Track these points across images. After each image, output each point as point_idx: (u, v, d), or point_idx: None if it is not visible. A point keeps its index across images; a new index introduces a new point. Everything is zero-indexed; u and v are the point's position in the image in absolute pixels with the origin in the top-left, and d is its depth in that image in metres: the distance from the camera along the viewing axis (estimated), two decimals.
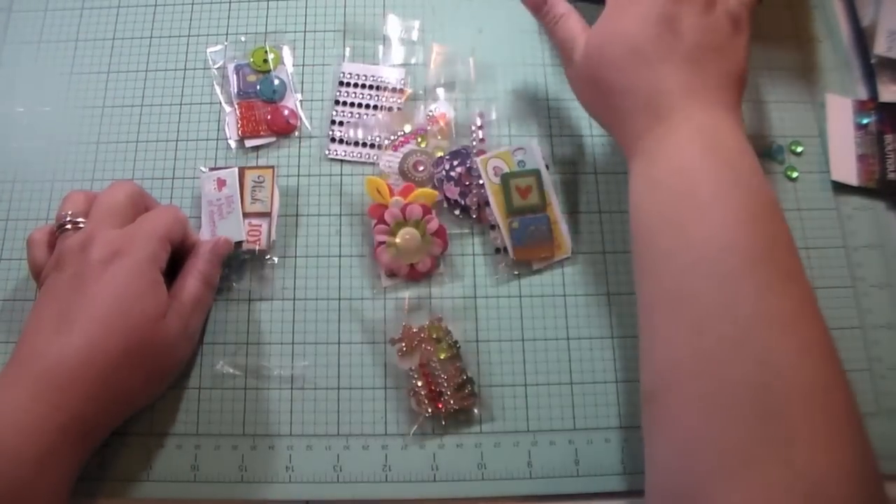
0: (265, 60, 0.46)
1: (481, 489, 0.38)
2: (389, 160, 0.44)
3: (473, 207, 0.43)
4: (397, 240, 0.41)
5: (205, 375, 0.40)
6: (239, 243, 0.41)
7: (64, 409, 0.32)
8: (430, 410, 0.38)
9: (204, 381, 0.40)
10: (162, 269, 0.36)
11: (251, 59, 0.47)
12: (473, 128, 0.45)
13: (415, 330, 0.40)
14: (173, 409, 0.39)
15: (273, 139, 0.45)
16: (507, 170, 0.43)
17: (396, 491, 0.38)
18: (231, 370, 0.40)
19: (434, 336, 0.40)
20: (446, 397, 0.38)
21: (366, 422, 0.39)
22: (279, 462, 0.38)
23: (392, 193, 0.42)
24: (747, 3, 0.36)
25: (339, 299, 0.42)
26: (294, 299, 0.42)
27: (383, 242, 0.41)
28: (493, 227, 0.42)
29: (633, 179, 0.35)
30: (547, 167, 0.44)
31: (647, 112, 0.34)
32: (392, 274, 0.42)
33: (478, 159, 0.43)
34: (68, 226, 0.37)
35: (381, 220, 0.41)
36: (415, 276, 0.42)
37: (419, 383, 0.39)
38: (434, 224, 0.42)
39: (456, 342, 0.40)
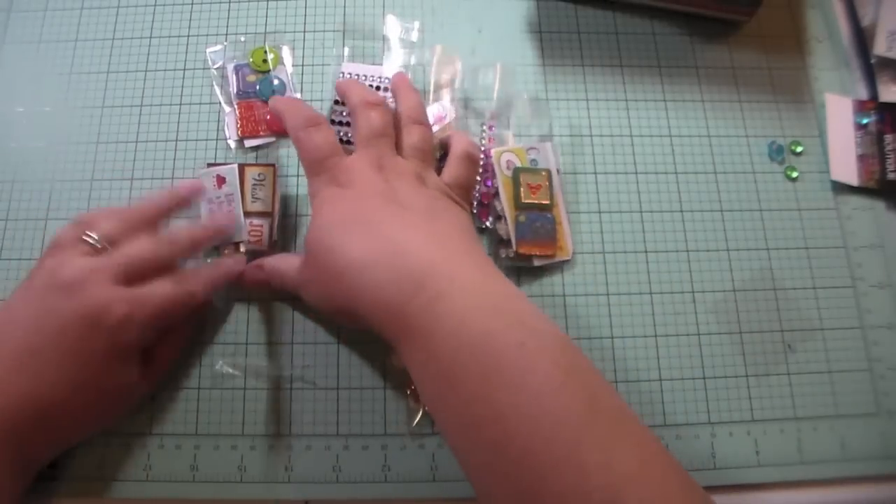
0: (265, 60, 0.46)
1: None
2: None
3: (476, 203, 0.43)
4: None
5: (205, 375, 0.40)
6: (239, 243, 0.41)
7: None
8: (426, 407, 0.38)
9: (204, 381, 0.40)
10: (144, 344, 0.35)
11: (251, 60, 0.47)
12: (484, 127, 0.45)
13: None
14: (173, 409, 0.39)
15: (273, 139, 0.45)
16: (519, 164, 0.43)
17: (396, 491, 0.38)
18: (231, 370, 0.40)
19: None
20: None
21: (365, 422, 0.39)
22: (279, 462, 0.38)
23: None
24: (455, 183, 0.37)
25: None
26: (294, 299, 0.42)
27: None
28: (500, 217, 0.42)
29: (413, 370, 0.30)
30: (558, 171, 0.44)
31: (400, 283, 0.30)
32: None
33: (492, 149, 0.43)
34: (87, 238, 0.35)
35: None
36: None
37: None
38: None
39: None
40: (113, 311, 0.32)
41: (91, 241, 0.34)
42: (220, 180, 0.42)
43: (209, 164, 0.43)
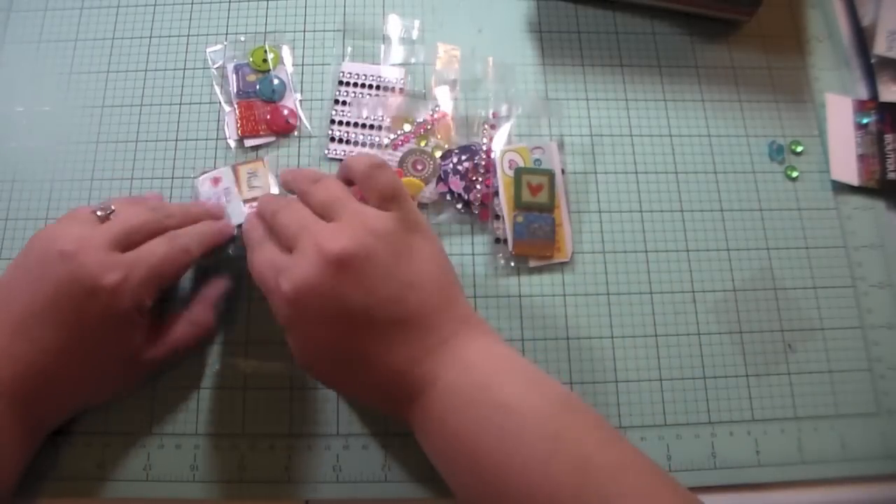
0: (265, 60, 0.46)
1: None
2: (389, 159, 0.44)
3: (476, 203, 0.43)
4: None
5: (205, 375, 0.40)
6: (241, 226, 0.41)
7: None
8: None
9: (204, 381, 0.40)
10: (144, 309, 0.34)
11: (251, 59, 0.47)
12: (485, 126, 0.45)
13: None
14: (173, 409, 0.39)
15: (273, 139, 0.45)
16: (522, 164, 0.43)
17: (396, 491, 0.38)
18: (231, 370, 0.40)
19: None
20: None
21: (365, 422, 0.39)
22: (278, 462, 0.38)
23: None
24: None
25: None
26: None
27: None
28: (498, 216, 0.42)
29: (416, 431, 0.33)
30: (563, 171, 0.44)
31: (420, 343, 0.31)
32: None
33: (496, 148, 0.43)
34: (99, 211, 0.36)
35: (364, 200, 0.42)
36: None
37: None
38: None
39: None
40: (107, 277, 0.32)
41: (99, 213, 0.35)
42: (216, 181, 0.43)
43: (202, 172, 0.44)
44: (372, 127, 0.45)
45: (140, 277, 0.33)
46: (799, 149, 0.46)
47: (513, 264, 0.42)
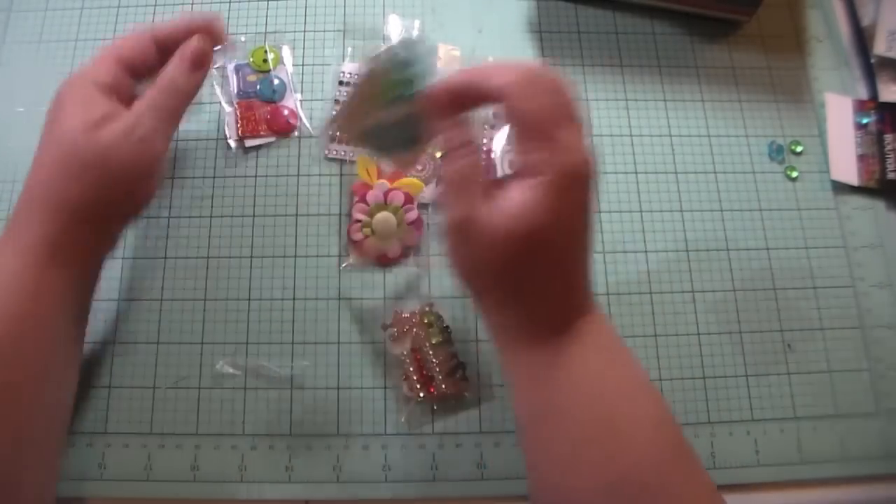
0: (265, 60, 0.46)
1: (481, 489, 0.38)
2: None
3: None
4: (373, 220, 0.41)
5: (205, 375, 0.40)
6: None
7: (31, 231, 0.33)
8: (421, 395, 0.38)
9: (204, 381, 0.40)
10: (106, 84, 0.34)
11: (251, 59, 0.47)
12: (485, 126, 0.45)
13: (406, 315, 0.40)
14: (173, 409, 0.39)
15: (273, 139, 0.45)
16: None
17: (396, 491, 0.38)
18: (231, 370, 0.40)
19: (425, 321, 0.40)
20: (438, 381, 0.39)
21: (366, 422, 0.39)
22: (279, 462, 0.38)
23: (380, 177, 0.42)
24: None
25: (339, 299, 0.42)
26: (294, 299, 0.42)
27: (360, 221, 0.42)
28: None
29: (541, 375, 0.30)
30: None
31: (567, 306, 0.30)
32: (361, 256, 0.42)
33: (496, 148, 0.43)
34: None
35: (363, 199, 0.42)
36: (383, 260, 0.42)
37: (411, 368, 0.39)
38: (413, 214, 0.42)
39: (447, 327, 0.40)
40: (92, 63, 0.35)
41: None
42: None
43: None
44: None
45: (115, 49, 0.35)
46: (799, 149, 0.46)
47: None
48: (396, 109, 0.31)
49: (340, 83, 0.46)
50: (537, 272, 0.29)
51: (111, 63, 0.35)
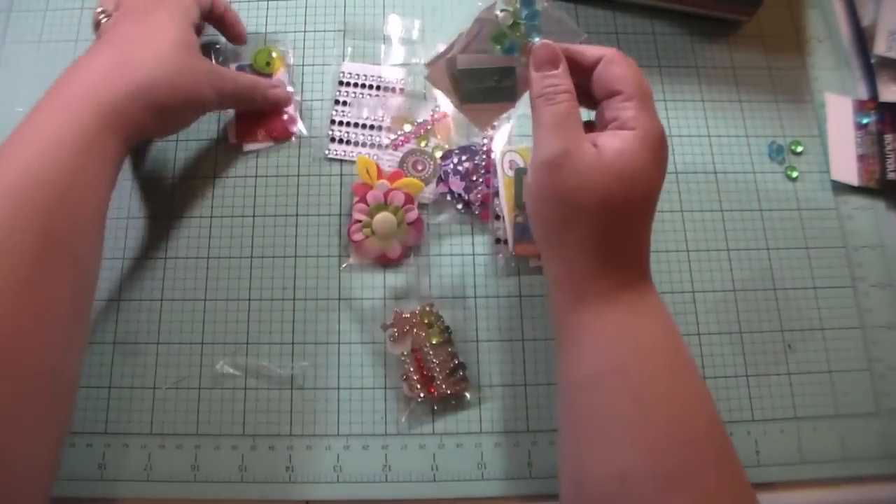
0: (267, 63, 0.46)
1: (481, 489, 0.38)
2: (389, 159, 0.44)
3: (476, 203, 0.43)
4: (373, 221, 0.41)
5: (205, 375, 0.40)
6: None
7: (95, 100, 0.35)
8: (422, 395, 0.38)
9: (204, 381, 0.40)
10: (194, 22, 0.40)
11: (253, 61, 0.46)
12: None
13: (406, 315, 0.40)
14: (173, 409, 0.39)
15: (271, 144, 0.45)
16: (522, 164, 0.43)
17: (396, 491, 0.38)
18: (231, 370, 0.40)
19: (425, 321, 0.40)
20: (438, 381, 0.39)
21: (366, 422, 0.39)
22: (279, 462, 0.38)
23: (380, 177, 0.42)
24: None
25: (339, 299, 0.42)
26: (294, 299, 0.42)
27: (360, 221, 0.42)
28: (498, 217, 0.42)
29: (607, 331, 0.31)
30: None
31: (636, 265, 0.32)
32: (361, 256, 0.42)
33: (496, 149, 0.43)
34: (102, 17, 0.40)
35: (363, 199, 0.42)
36: (382, 260, 0.42)
37: (411, 368, 0.39)
38: (413, 214, 0.42)
39: (447, 327, 0.40)
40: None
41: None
42: None
43: None
44: (372, 127, 0.45)
45: None
46: (799, 149, 0.46)
47: (513, 264, 0.42)
48: (500, 58, 0.34)
49: (340, 83, 0.46)
50: (625, 216, 0.31)
51: (194, 2, 0.41)
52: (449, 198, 0.43)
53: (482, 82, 0.34)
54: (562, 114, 0.31)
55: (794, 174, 0.46)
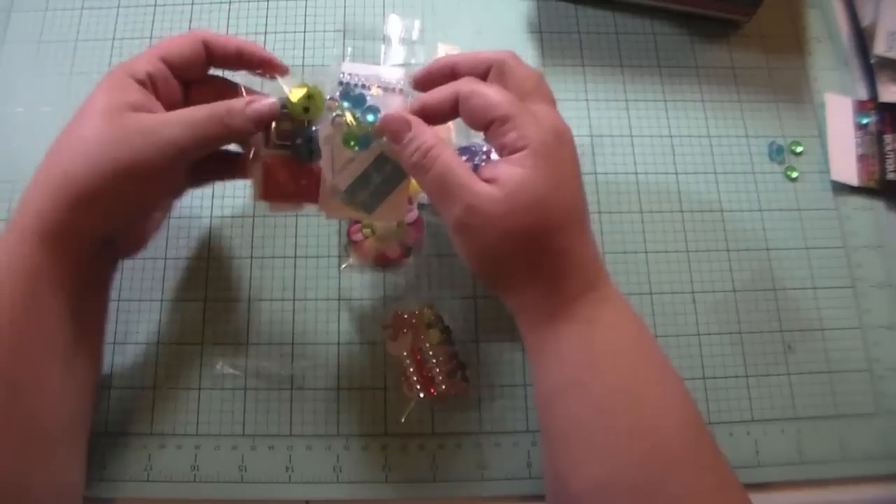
0: (306, 109, 0.33)
1: (481, 489, 0.38)
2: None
3: None
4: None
5: (205, 376, 0.40)
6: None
7: (28, 207, 0.31)
8: (421, 395, 0.38)
9: (204, 382, 0.40)
10: (137, 77, 0.32)
11: (288, 100, 0.33)
12: None
13: (406, 315, 0.40)
14: (173, 409, 0.39)
15: (298, 208, 0.36)
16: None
17: (396, 491, 0.38)
18: (231, 370, 0.40)
19: (425, 321, 0.40)
20: (438, 382, 0.39)
21: (366, 422, 0.39)
22: (279, 462, 0.38)
23: None
24: None
25: (339, 299, 0.42)
26: (294, 299, 0.42)
27: (359, 221, 0.42)
28: None
29: (563, 348, 0.30)
30: None
31: (581, 277, 0.31)
32: (361, 256, 0.42)
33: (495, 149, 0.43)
34: None
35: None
36: (382, 260, 0.42)
37: (411, 369, 0.39)
38: (413, 215, 0.42)
39: (447, 327, 0.40)
40: (133, 57, 0.33)
41: None
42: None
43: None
44: None
45: (153, 52, 0.33)
46: (799, 149, 0.46)
47: None
48: (364, 154, 0.33)
49: (340, 83, 0.46)
50: (552, 238, 0.30)
51: (152, 57, 0.33)
52: None
53: (369, 185, 0.34)
54: (442, 174, 0.30)
55: (794, 174, 0.46)
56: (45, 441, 0.31)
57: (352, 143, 0.33)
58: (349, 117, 0.33)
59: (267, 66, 0.35)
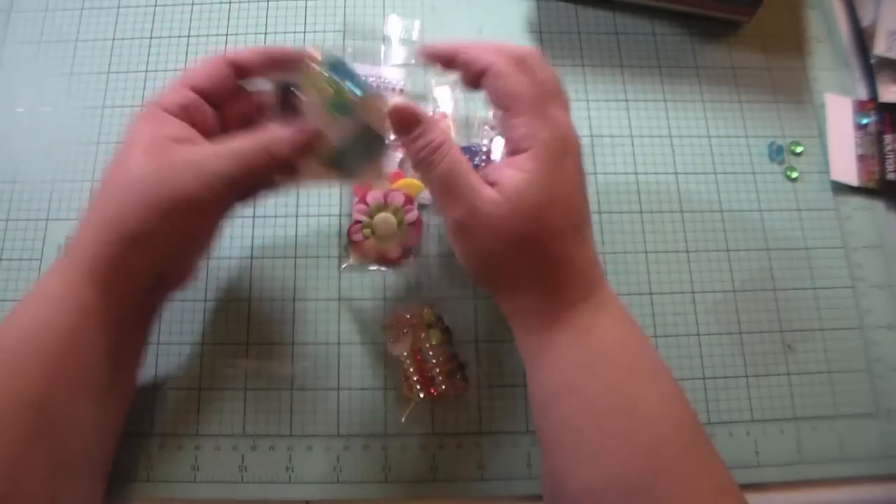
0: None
1: (481, 489, 0.38)
2: (389, 160, 0.44)
3: None
4: (373, 221, 0.41)
5: (205, 375, 0.40)
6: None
7: (77, 250, 0.31)
8: (421, 395, 0.38)
9: (204, 381, 0.40)
10: (171, 111, 0.32)
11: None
12: (485, 127, 0.45)
13: (406, 315, 0.40)
14: (173, 409, 0.39)
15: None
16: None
17: (396, 491, 0.38)
18: (231, 370, 0.40)
19: (426, 321, 0.40)
20: (438, 382, 0.39)
21: (366, 422, 0.39)
22: (279, 462, 0.38)
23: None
24: None
25: (339, 299, 0.42)
26: (294, 299, 0.42)
27: (360, 221, 0.42)
28: None
29: (559, 354, 0.31)
30: None
31: (579, 283, 0.31)
32: (361, 256, 0.42)
33: (496, 149, 0.43)
34: None
35: (363, 200, 0.42)
36: (382, 261, 0.42)
37: (411, 369, 0.39)
38: (413, 215, 0.42)
39: (447, 327, 0.40)
40: (161, 91, 0.33)
41: None
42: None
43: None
44: None
45: (185, 82, 0.33)
46: (799, 149, 0.46)
47: None
48: (349, 123, 0.33)
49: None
50: (550, 244, 0.30)
51: (182, 88, 0.33)
52: None
53: (349, 151, 0.33)
54: (447, 174, 0.30)
55: (794, 174, 0.46)
56: (72, 473, 0.31)
57: (338, 111, 0.33)
58: (329, 87, 0.32)
59: (298, 60, 0.33)
